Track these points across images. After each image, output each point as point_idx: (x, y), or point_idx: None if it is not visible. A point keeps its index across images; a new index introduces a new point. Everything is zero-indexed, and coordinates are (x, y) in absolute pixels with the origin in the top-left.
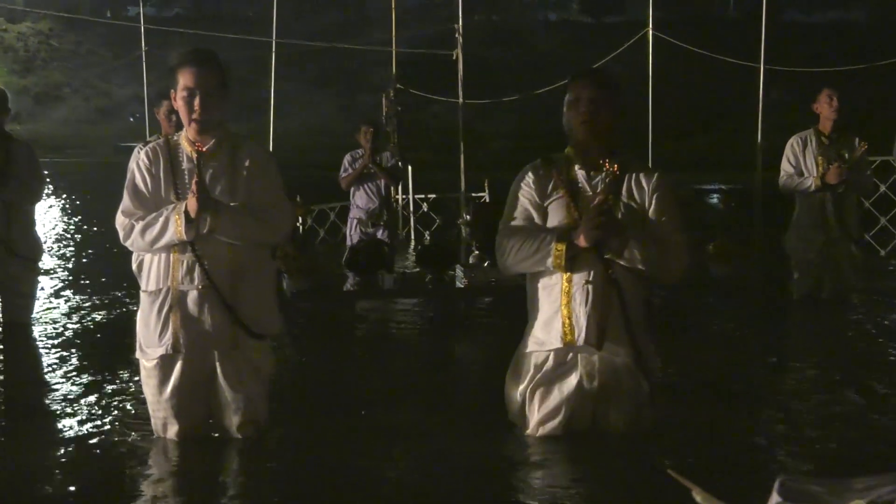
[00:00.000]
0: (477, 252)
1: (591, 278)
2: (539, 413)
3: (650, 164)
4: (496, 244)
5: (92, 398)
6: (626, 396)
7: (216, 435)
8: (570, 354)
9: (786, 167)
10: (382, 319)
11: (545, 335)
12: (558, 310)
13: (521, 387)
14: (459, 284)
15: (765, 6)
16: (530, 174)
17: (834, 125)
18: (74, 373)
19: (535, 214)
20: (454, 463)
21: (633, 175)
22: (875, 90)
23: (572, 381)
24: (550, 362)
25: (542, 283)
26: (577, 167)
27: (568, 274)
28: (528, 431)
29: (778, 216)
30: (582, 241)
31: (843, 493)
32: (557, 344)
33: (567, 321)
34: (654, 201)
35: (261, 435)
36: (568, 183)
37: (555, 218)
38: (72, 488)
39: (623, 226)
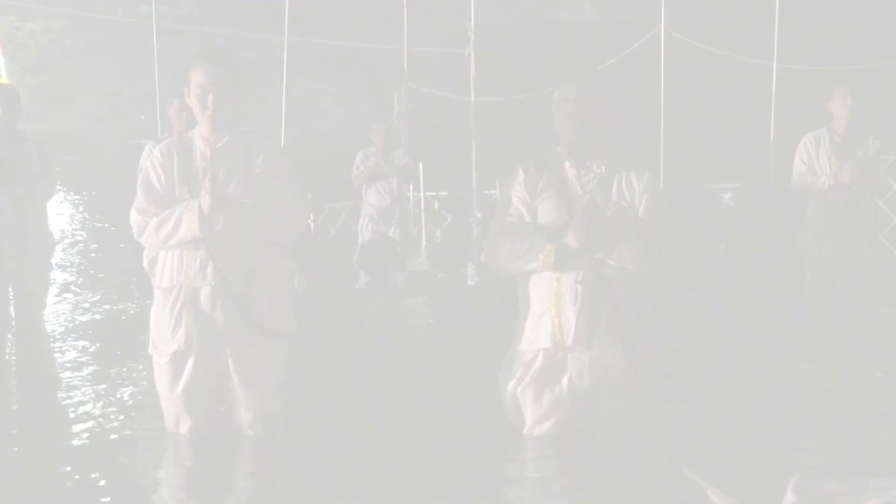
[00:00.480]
0: None
1: (580, 278)
2: (534, 413)
3: (661, 163)
4: (487, 244)
5: (103, 394)
6: (618, 395)
7: (229, 431)
8: (560, 354)
9: (798, 166)
10: (393, 317)
11: (535, 334)
12: (548, 309)
13: (512, 384)
14: (471, 282)
15: (777, 5)
16: (521, 173)
17: (847, 124)
18: (85, 368)
19: (526, 214)
20: (458, 463)
21: (624, 175)
22: (890, 89)
23: (563, 380)
24: (540, 361)
25: (533, 283)
26: (567, 166)
27: (558, 274)
28: (525, 431)
29: (790, 216)
30: (571, 242)
31: (858, 493)
32: (547, 343)
33: (556, 321)
34: (644, 201)
35: (272, 432)
36: (558, 182)
37: (545, 217)
38: (84, 483)
39: (613, 226)
